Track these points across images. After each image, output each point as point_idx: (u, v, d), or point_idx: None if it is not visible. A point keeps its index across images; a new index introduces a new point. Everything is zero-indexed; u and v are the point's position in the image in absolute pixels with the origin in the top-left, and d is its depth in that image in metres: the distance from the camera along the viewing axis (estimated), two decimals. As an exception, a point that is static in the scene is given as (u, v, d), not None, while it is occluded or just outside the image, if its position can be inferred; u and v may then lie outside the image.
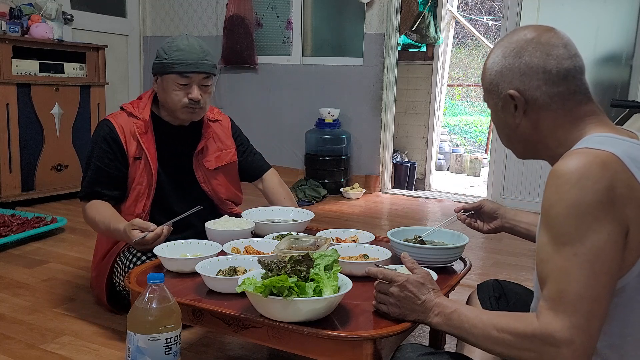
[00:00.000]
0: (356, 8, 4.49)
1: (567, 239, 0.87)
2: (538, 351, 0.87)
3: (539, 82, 1.00)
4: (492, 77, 1.06)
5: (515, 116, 1.04)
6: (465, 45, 9.35)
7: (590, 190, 0.86)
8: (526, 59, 1.01)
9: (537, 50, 1.00)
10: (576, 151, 0.92)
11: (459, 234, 1.61)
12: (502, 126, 1.10)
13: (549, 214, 0.90)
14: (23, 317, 1.95)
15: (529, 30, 1.04)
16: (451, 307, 1.03)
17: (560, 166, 0.91)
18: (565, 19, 4.08)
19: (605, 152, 0.89)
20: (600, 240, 0.85)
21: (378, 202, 4.30)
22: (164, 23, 5.26)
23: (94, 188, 1.88)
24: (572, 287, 0.85)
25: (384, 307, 1.15)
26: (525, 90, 1.01)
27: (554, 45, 1.00)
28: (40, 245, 2.81)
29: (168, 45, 1.86)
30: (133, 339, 1.14)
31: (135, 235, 1.64)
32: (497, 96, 1.06)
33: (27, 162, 3.61)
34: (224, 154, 2.08)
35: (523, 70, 1.01)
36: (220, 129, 2.10)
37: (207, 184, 2.03)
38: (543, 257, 0.91)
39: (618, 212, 0.86)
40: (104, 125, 1.91)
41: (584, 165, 0.88)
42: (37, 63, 3.64)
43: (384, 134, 4.53)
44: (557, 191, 0.89)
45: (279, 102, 4.87)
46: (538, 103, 1.01)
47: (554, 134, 1.02)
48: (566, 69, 0.99)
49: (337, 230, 1.75)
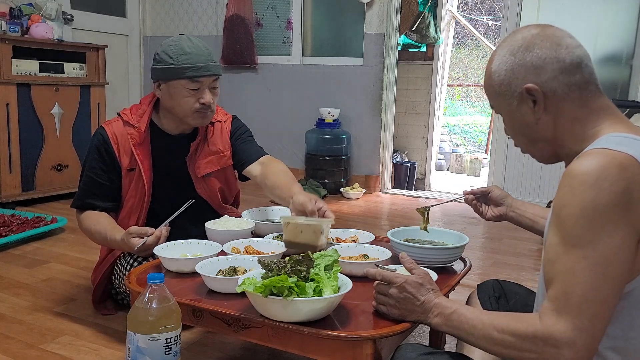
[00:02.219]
0: (356, 8, 4.49)
1: (578, 240, 0.85)
2: (538, 352, 0.87)
3: (555, 72, 0.98)
4: (502, 77, 1.03)
5: (535, 112, 1.00)
6: (465, 45, 9.35)
7: (607, 193, 0.83)
8: (537, 51, 0.99)
9: (547, 41, 0.99)
10: (593, 151, 0.90)
11: (459, 234, 1.61)
12: (520, 127, 1.05)
13: (561, 214, 0.88)
14: (23, 317, 1.95)
15: (531, 27, 1.02)
16: (451, 308, 1.03)
17: (576, 166, 0.88)
18: (565, 19, 4.08)
19: (623, 154, 0.86)
20: (612, 245, 0.83)
21: (378, 202, 4.30)
22: (164, 23, 5.26)
23: (86, 200, 1.86)
24: (579, 289, 0.84)
25: (383, 308, 1.15)
26: (543, 82, 0.98)
27: (561, 36, 0.99)
28: (40, 245, 2.81)
29: (171, 48, 1.75)
30: (133, 339, 1.14)
31: (135, 243, 1.62)
32: (511, 96, 1.02)
33: (27, 162, 3.61)
34: (216, 158, 1.96)
35: (536, 63, 0.98)
36: (219, 131, 1.99)
37: (203, 189, 1.95)
38: (551, 257, 0.90)
39: (633, 216, 0.84)
40: (98, 134, 1.86)
41: (601, 166, 0.85)
42: (37, 63, 3.64)
43: (384, 134, 4.53)
44: (571, 192, 0.87)
45: (279, 102, 4.87)
46: (557, 94, 0.98)
47: (572, 129, 0.99)
48: (579, 56, 0.98)
49: (337, 231, 1.75)
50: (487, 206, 1.49)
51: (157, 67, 1.78)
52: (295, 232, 1.49)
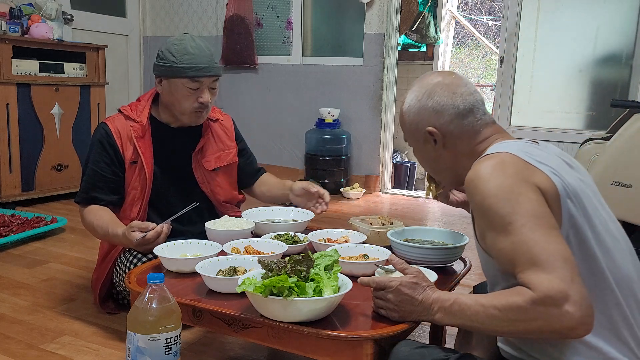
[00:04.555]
0: (356, 8, 4.49)
1: (508, 219, 0.97)
2: (543, 317, 0.89)
3: (452, 117, 1.18)
4: (411, 118, 1.23)
5: (435, 149, 1.21)
6: (465, 45, 9.34)
7: (503, 176, 1.00)
8: (437, 98, 1.19)
9: (445, 90, 1.19)
10: (479, 159, 1.09)
11: (459, 234, 1.61)
12: (426, 160, 1.27)
13: (482, 211, 1.02)
14: (23, 317, 1.95)
15: (434, 76, 1.23)
16: (449, 300, 1.04)
17: (471, 173, 1.06)
18: (565, 19, 4.08)
19: (502, 152, 1.06)
20: (532, 205, 0.96)
21: (378, 202, 4.30)
22: (164, 23, 5.26)
23: (90, 193, 1.87)
24: (538, 249, 0.93)
25: (383, 311, 1.16)
26: (441, 125, 1.19)
27: (457, 84, 1.19)
28: (40, 245, 2.81)
29: (175, 47, 1.82)
30: (133, 339, 1.14)
31: (135, 237, 1.63)
32: (418, 134, 1.22)
33: (27, 162, 3.61)
34: (224, 154, 2.05)
35: (436, 108, 1.19)
36: (220, 129, 2.07)
37: (206, 184, 2.00)
38: (499, 247, 0.99)
39: (530, 183, 0.99)
40: (100, 129, 1.90)
41: (489, 164, 1.04)
42: (37, 63, 3.64)
43: (384, 134, 4.53)
44: (478, 190, 1.02)
45: (279, 102, 4.87)
46: (454, 135, 1.19)
47: (469, 155, 1.18)
48: (471, 103, 1.18)
49: (327, 231, 1.74)
50: (450, 193, 1.55)
51: (160, 63, 1.85)
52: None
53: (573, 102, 4.18)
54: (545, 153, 1.08)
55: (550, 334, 0.91)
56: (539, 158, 1.04)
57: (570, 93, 4.18)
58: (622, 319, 0.99)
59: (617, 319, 0.99)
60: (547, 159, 1.05)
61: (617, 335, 0.99)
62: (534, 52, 4.24)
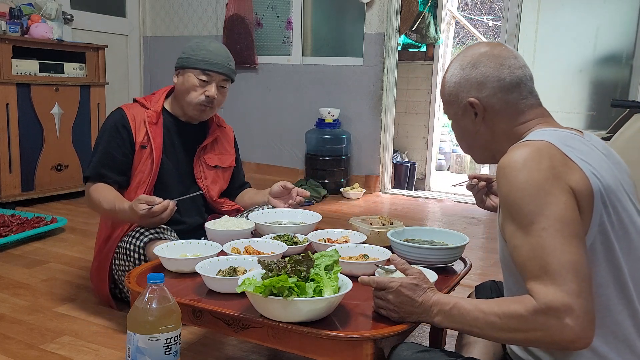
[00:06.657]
0: (356, 8, 4.49)
1: (531, 218, 0.93)
2: (543, 328, 0.88)
3: (495, 90, 1.11)
4: (451, 88, 1.17)
5: (475, 123, 1.15)
6: (466, 45, 9.35)
7: (536, 170, 0.95)
8: (482, 69, 1.12)
9: (491, 61, 1.12)
10: (516, 145, 1.03)
11: (459, 234, 1.61)
12: (462, 133, 1.20)
13: (507, 203, 0.98)
14: (23, 317, 1.95)
15: (481, 46, 1.16)
16: (449, 303, 1.03)
17: (505, 158, 1.00)
18: (565, 19, 4.08)
19: (540, 141, 1.00)
20: (559, 208, 0.92)
21: (378, 202, 4.30)
22: (164, 23, 5.26)
23: (100, 170, 1.92)
24: (552, 257, 0.90)
25: (383, 312, 1.16)
26: (483, 97, 1.12)
27: (506, 57, 1.12)
28: (40, 245, 2.81)
29: (197, 44, 1.97)
30: (133, 339, 1.14)
31: (141, 208, 1.67)
32: (457, 105, 1.16)
33: (27, 162, 3.60)
34: (225, 157, 2.18)
35: (480, 79, 1.12)
36: (223, 135, 2.20)
37: (203, 180, 2.09)
38: (516, 243, 0.96)
39: (563, 183, 0.94)
40: (116, 112, 1.99)
41: (524, 152, 0.98)
42: (37, 63, 3.63)
43: (384, 134, 4.53)
44: (507, 180, 0.98)
45: (279, 102, 4.87)
46: (495, 109, 1.12)
47: (507, 136, 1.12)
48: (519, 77, 1.11)
49: (327, 231, 1.75)
50: (487, 197, 1.53)
51: (180, 56, 2.00)
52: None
53: (573, 102, 4.19)
54: (588, 147, 1.02)
55: (549, 345, 0.91)
56: (581, 154, 0.98)
57: (570, 93, 4.18)
58: (635, 330, 0.97)
59: (630, 330, 0.97)
60: (589, 154, 0.99)
61: (629, 346, 0.96)
62: (534, 52, 4.24)
